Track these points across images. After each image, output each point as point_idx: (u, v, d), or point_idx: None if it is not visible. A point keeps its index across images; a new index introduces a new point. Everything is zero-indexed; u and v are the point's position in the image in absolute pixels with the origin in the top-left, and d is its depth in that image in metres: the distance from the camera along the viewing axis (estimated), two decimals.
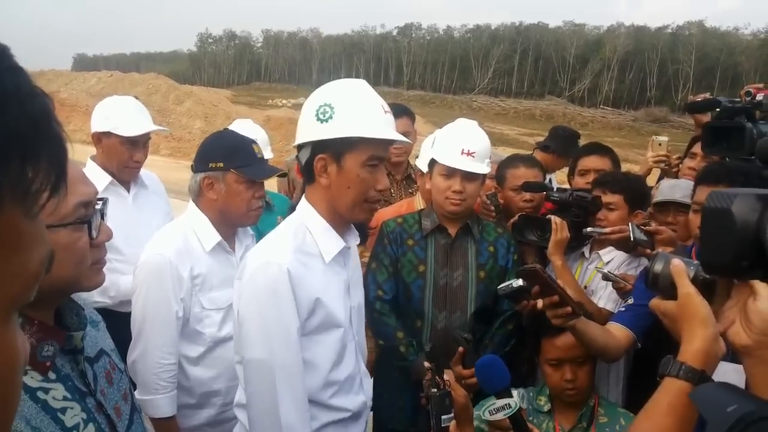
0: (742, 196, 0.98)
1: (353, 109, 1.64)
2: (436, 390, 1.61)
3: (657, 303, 1.14)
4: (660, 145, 3.24)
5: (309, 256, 1.69)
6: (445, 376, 1.64)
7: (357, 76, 1.87)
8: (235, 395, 1.82)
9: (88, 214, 1.06)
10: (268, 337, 1.61)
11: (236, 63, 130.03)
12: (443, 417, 1.56)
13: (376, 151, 1.65)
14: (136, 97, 3.09)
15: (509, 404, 1.56)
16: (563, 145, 4.00)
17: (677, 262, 1.10)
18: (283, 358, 1.61)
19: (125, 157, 2.81)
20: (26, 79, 0.43)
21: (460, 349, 2.11)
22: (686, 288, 1.07)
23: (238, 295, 1.69)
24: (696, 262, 1.12)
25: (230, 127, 2.91)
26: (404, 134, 3.28)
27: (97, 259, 1.12)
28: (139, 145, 2.84)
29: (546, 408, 2.10)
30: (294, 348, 1.62)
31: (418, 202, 2.97)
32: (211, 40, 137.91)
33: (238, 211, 2.21)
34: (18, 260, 0.43)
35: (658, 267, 1.14)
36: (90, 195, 1.07)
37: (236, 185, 2.17)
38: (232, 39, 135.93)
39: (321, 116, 1.64)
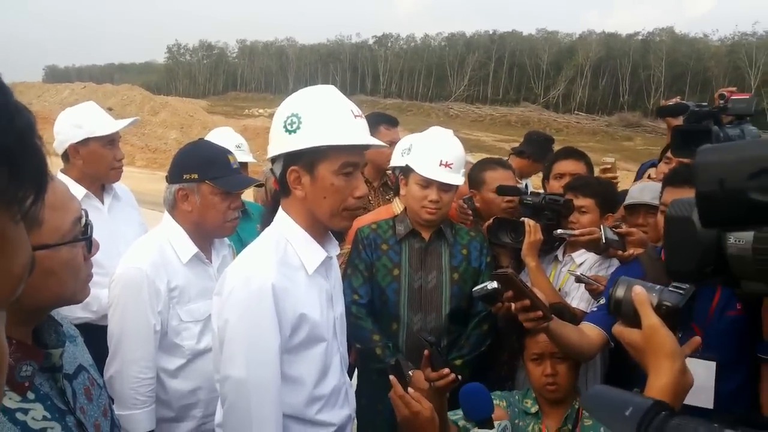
0: None
1: (320, 116, 1.60)
2: None
3: (620, 330, 1.12)
4: (609, 167, 3.48)
5: (292, 269, 1.66)
6: (410, 390, 1.64)
7: (333, 85, 1.84)
8: (216, 410, 1.78)
9: (82, 230, 1.09)
10: (248, 355, 1.57)
11: (212, 73, 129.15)
12: None
13: (349, 158, 1.62)
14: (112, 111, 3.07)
15: None
16: (538, 150, 4.06)
17: (639, 290, 1.09)
18: (260, 377, 1.58)
19: (109, 158, 2.80)
20: (12, 97, 0.46)
21: (426, 351, 2.14)
22: (650, 319, 1.06)
23: (218, 311, 1.64)
24: (659, 286, 1.11)
25: (209, 136, 2.91)
26: (392, 143, 3.31)
27: (87, 273, 1.14)
28: (116, 143, 2.85)
29: (533, 410, 2.12)
30: (273, 367, 1.59)
31: (397, 207, 2.98)
32: (183, 51, 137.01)
33: (214, 223, 2.20)
34: (4, 262, 0.46)
35: (620, 292, 1.13)
36: (79, 210, 1.09)
37: (211, 197, 2.15)
38: (208, 50, 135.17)
39: (289, 127, 1.61)
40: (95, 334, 2.11)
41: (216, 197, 2.16)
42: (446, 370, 2.19)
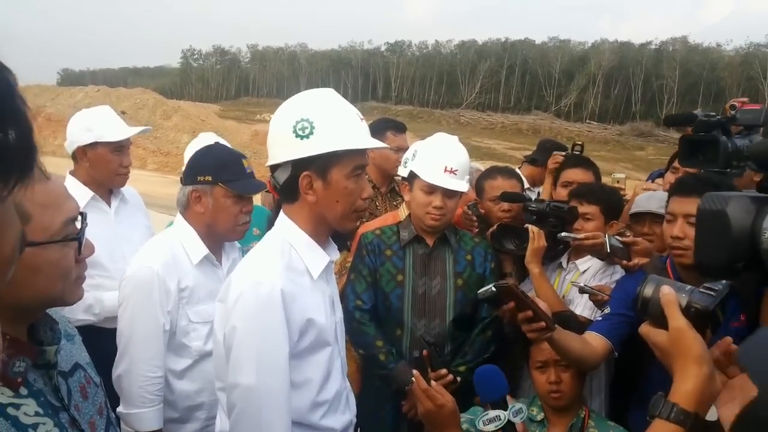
0: (736, 197, 0.97)
1: (333, 121, 1.59)
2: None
3: (647, 330, 1.08)
4: (618, 182, 3.52)
5: (297, 274, 1.64)
6: (433, 383, 1.67)
7: (345, 91, 1.85)
8: (216, 419, 1.76)
9: (76, 231, 1.07)
10: (258, 362, 1.53)
11: (224, 78, 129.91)
12: None
13: (359, 161, 1.63)
14: (122, 112, 3.12)
15: (499, 416, 1.59)
16: (551, 158, 4.05)
17: (667, 291, 1.05)
18: (271, 384, 1.54)
19: (115, 164, 2.82)
20: None
21: (424, 352, 2.15)
22: (677, 321, 1.01)
23: (224, 319, 1.60)
24: (689, 287, 1.06)
25: (194, 142, 2.94)
26: (400, 149, 3.33)
27: (78, 274, 1.13)
28: (124, 150, 2.86)
29: (539, 417, 2.12)
30: (283, 373, 1.55)
31: (403, 213, 3.00)
32: (197, 56, 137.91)
33: (225, 226, 2.21)
34: None
35: (648, 291, 1.09)
36: (75, 211, 1.08)
37: (224, 199, 2.17)
38: (222, 55, 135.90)
39: (300, 132, 1.58)
40: (97, 337, 2.11)
41: (228, 200, 2.17)
42: (444, 371, 2.21)
